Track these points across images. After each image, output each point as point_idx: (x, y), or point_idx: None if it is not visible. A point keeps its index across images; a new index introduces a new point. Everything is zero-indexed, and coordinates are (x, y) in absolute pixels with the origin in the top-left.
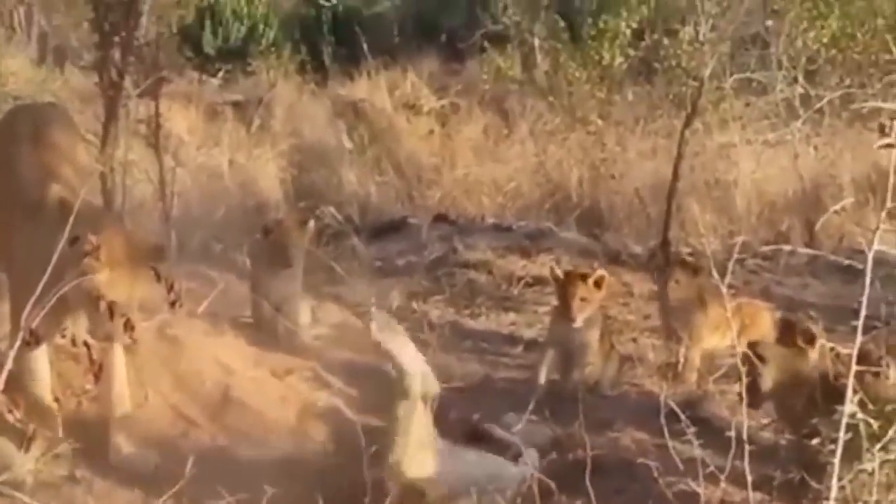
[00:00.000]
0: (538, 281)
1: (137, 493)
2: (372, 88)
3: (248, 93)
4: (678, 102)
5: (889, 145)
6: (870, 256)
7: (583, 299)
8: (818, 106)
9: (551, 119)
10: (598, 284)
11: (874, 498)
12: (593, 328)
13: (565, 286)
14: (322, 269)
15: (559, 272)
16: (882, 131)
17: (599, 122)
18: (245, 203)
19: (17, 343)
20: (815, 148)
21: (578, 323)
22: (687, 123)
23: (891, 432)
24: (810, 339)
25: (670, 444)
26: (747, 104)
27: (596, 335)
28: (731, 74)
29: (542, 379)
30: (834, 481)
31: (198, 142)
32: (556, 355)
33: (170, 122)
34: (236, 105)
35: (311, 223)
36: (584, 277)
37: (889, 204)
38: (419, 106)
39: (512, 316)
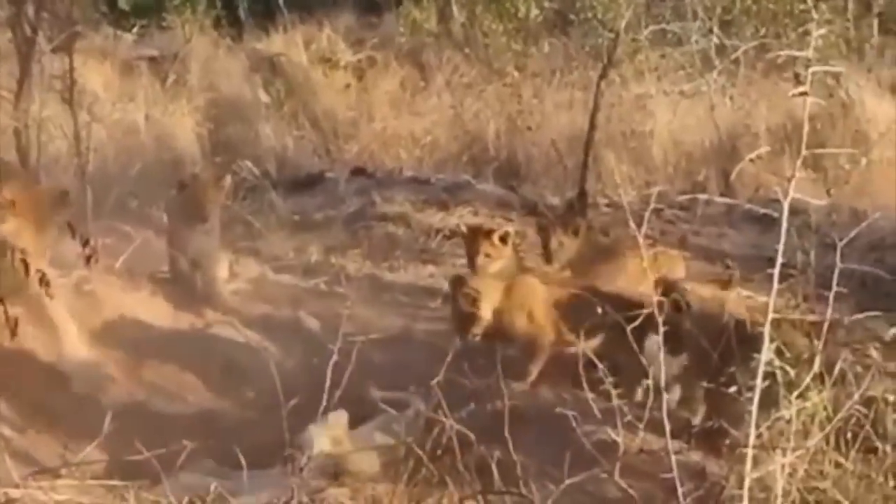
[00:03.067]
0: (456, 233)
1: (55, 448)
2: (288, 43)
3: (164, 48)
4: (594, 54)
5: (803, 94)
6: (785, 205)
7: (487, 255)
8: (734, 56)
9: (468, 71)
10: (503, 240)
11: (791, 445)
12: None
13: (469, 242)
14: (239, 224)
15: (464, 228)
16: (797, 80)
17: (516, 74)
18: (161, 158)
19: None
20: (731, 98)
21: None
22: (603, 75)
23: (807, 380)
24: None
25: (588, 394)
26: (663, 55)
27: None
28: (647, 26)
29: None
30: (751, 429)
31: (113, 97)
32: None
33: (84, 78)
34: (152, 60)
35: (228, 178)
36: (488, 233)
37: (804, 152)
38: (336, 60)
39: (430, 268)
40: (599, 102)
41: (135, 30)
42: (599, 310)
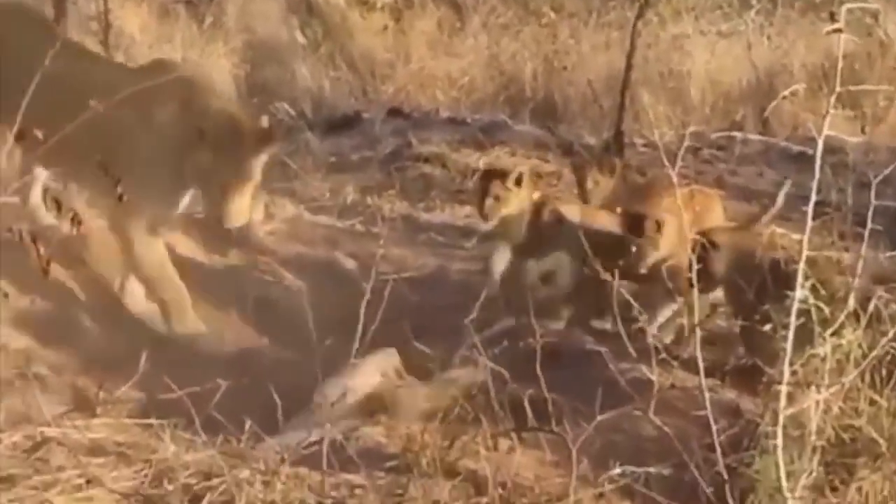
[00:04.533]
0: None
1: (91, 388)
2: None
3: None
4: None
5: (837, 30)
6: (820, 142)
7: (496, 197)
8: None
9: (504, 12)
10: (518, 182)
11: (825, 382)
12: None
13: (482, 185)
14: (276, 165)
15: (482, 168)
16: (832, 18)
17: (552, 14)
18: None
19: None
20: (769, 38)
21: (490, 222)
22: (640, 15)
23: (841, 317)
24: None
25: (623, 330)
26: None
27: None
28: None
29: (497, 271)
30: (786, 366)
31: (150, 40)
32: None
33: (121, 21)
34: (188, 3)
35: (265, 119)
36: (502, 175)
37: (838, 89)
38: (373, 1)
39: (466, 209)
40: (636, 42)
41: None
42: (634, 248)
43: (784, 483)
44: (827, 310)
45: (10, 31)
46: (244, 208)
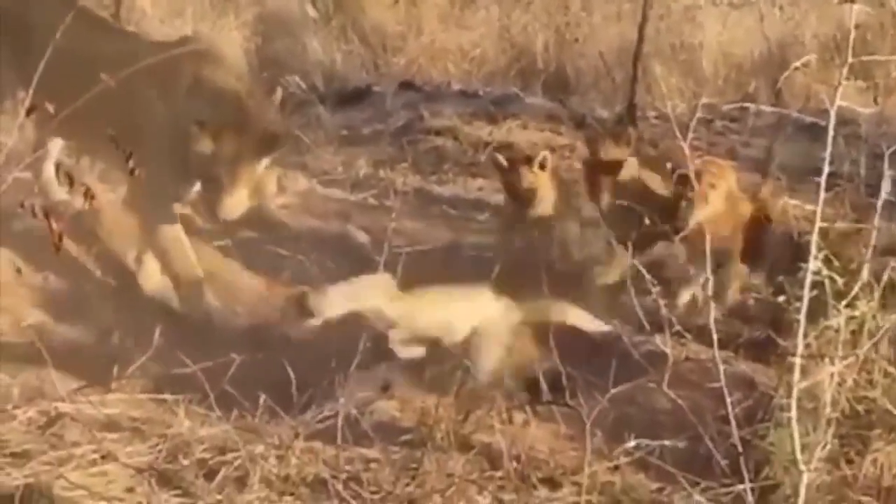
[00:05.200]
0: (504, 146)
1: (103, 361)
2: None
3: None
4: None
5: (849, 0)
6: (832, 112)
7: (531, 186)
8: None
9: None
10: (542, 166)
11: (839, 353)
12: None
13: (509, 172)
14: (287, 139)
15: (502, 160)
16: None
17: None
18: None
19: None
20: (780, 8)
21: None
22: None
23: (855, 288)
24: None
25: (636, 303)
26: None
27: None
28: None
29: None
30: (800, 338)
31: (161, 14)
32: None
33: None
34: None
35: (278, 92)
36: (528, 161)
37: (849, 59)
38: None
39: (479, 181)
40: (648, 14)
41: None
42: (648, 220)
43: (799, 455)
44: (840, 281)
45: (26, 1)
46: (240, 203)
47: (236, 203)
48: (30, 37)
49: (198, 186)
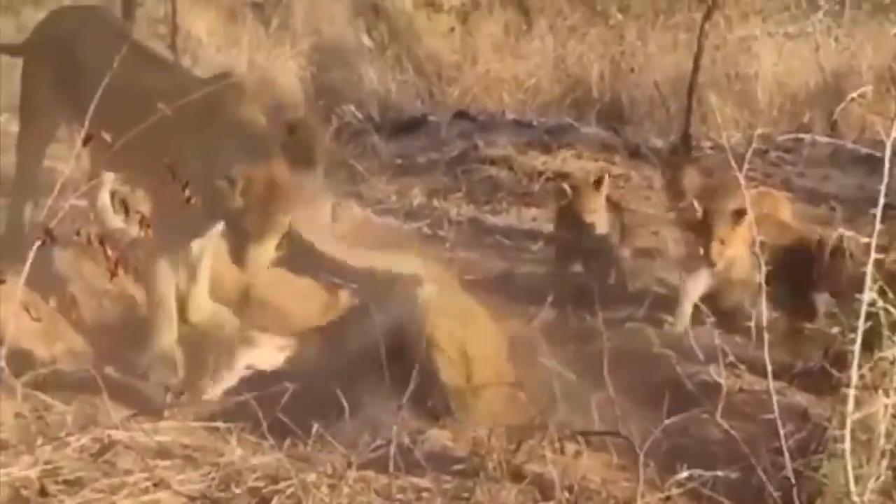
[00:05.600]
0: (559, 176)
1: (157, 391)
2: None
3: None
4: None
5: None
6: (888, 144)
7: (593, 210)
8: None
9: (571, 14)
10: (598, 183)
11: (894, 385)
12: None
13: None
14: (342, 168)
15: (567, 188)
16: None
17: (619, 15)
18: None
19: None
20: (836, 39)
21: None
22: (707, 16)
23: None
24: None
25: (691, 333)
26: None
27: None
28: None
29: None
30: (854, 369)
31: (217, 42)
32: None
33: (188, 24)
34: (256, 5)
35: (333, 121)
36: (597, 183)
37: None
38: (439, 3)
39: (533, 211)
40: (703, 44)
41: None
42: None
43: (852, 487)
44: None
45: (84, 33)
46: (265, 256)
47: (263, 253)
48: (81, 68)
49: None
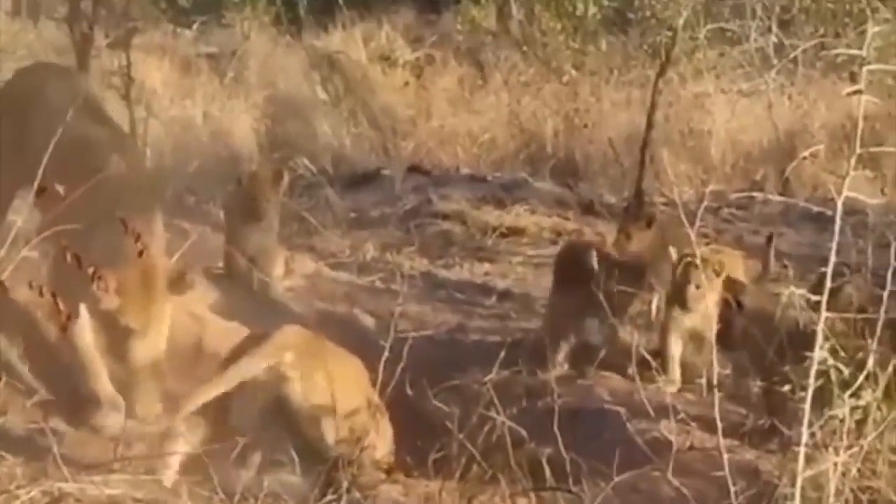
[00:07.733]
0: (513, 231)
1: (108, 445)
2: (347, 40)
3: (223, 45)
4: (652, 52)
5: (858, 92)
6: (839, 203)
7: None
8: (792, 55)
9: (526, 70)
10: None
11: (844, 444)
12: None
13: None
14: (295, 221)
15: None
16: (853, 79)
17: (574, 72)
18: (219, 154)
19: None
20: (790, 97)
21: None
22: (661, 73)
23: (861, 378)
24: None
25: (642, 391)
26: (721, 54)
27: None
28: (705, 24)
29: None
30: (804, 427)
31: (172, 94)
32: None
33: (143, 75)
34: (210, 57)
35: (286, 174)
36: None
37: (857, 150)
38: (394, 58)
39: (486, 266)
40: (657, 101)
41: (194, 27)
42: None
43: None
44: (846, 371)
45: (41, 87)
46: (155, 349)
47: (151, 346)
48: (33, 122)
49: None
